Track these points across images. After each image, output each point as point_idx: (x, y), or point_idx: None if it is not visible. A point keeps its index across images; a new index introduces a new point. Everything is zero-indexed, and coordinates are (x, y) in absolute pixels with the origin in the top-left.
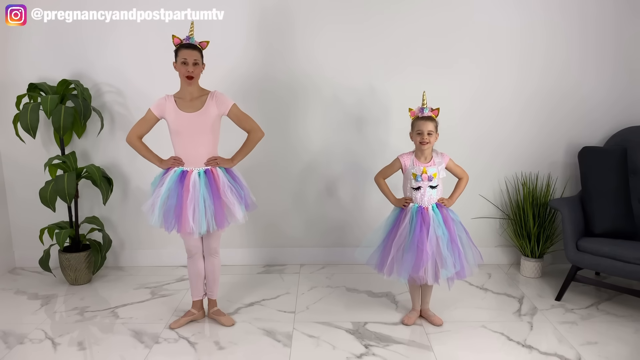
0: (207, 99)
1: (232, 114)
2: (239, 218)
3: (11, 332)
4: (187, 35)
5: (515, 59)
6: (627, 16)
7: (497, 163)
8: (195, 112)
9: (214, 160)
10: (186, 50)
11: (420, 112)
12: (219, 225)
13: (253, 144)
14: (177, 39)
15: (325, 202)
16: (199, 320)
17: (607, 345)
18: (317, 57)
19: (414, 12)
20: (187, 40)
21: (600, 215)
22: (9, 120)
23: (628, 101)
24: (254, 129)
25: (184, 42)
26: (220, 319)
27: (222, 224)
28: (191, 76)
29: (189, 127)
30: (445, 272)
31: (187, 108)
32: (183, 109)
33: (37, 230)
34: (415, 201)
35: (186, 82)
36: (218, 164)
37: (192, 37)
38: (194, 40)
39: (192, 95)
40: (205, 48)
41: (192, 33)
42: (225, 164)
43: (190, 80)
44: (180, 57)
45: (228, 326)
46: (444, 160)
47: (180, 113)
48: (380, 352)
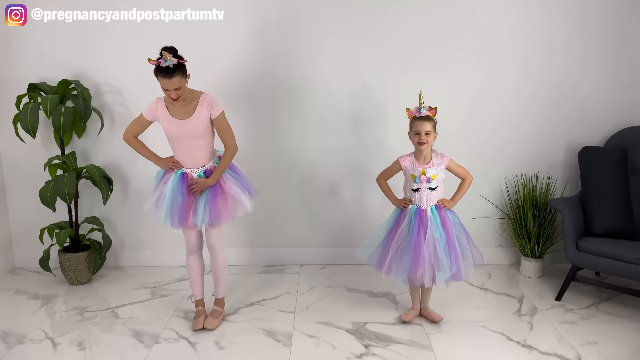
0: (198, 104)
1: (217, 120)
2: (248, 206)
3: (11, 332)
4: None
5: (516, 60)
6: (627, 16)
7: (497, 163)
8: (187, 119)
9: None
10: (165, 80)
11: (418, 112)
12: (225, 219)
13: (229, 160)
14: (154, 61)
15: (325, 202)
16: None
17: (607, 345)
18: (316, 58)
19: (414, 12)
20: (163, 63)
21: (600, 215)
22: (9, 120)
23: (628, 101)
24: (229, 145)
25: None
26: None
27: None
28: (176, 98)
29: (182, 133)
30: (441, 274)
31: (179, 114)
32: (175, 115)
33: (37, 230)
34: (415, 202)
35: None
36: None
37: (168, 61)
38: (171, 63)
39: (183, 100)
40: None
41: (167, 57)
42: (204, 186)
43: (177, 101)
44: (160, 84)
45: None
46: (443, 161)
47: (171, 120)
48: (380, 352)
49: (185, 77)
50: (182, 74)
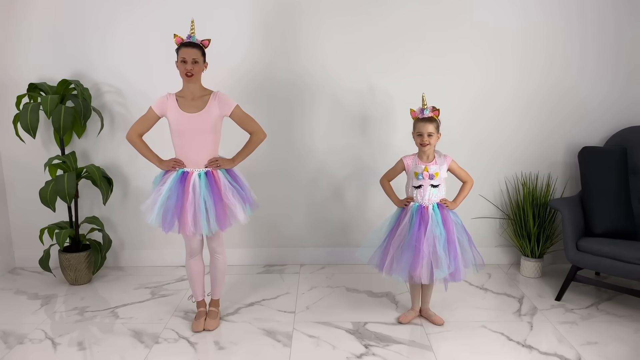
0: (209, 99)
1: (234, 115)
2: (241, 219)
3: (11, 332)
4: (189, 33)
5: (516, 60)
6: (627, 17)
7: (497, 163)
8: (197, 113)
9: (215, 162)
10: (185, 49)
11: (421, 113)
12: (220, 226)
13: (255, 145)
14: (179, 37)
15: (326, 202)
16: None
17: (607, 345)
18: (320, 58)
19: (417, 12)
20: (188, 38)
21: (600, 215)
22: (9, 120)
23: (628, 101)
24: (256, 131)
25: (184, 41)
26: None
27: (224, 225)
28: (190, 74)
29: (190, 127)
30: (439, 272)
31: (189, 108)
32: (184, 108)
33: (37, 230)
34: (416, 200)
35: (186, 79)
36: (219, 166)
37: (193, 36)
38: (195, 39)
39: (193, 94)
40: (207, 46)
41: (193, 31)
42: (226, 165)
43: (190, 78)
44: (180, 56)
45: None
46: (446, 161)
47: (181, 113)
48: (380, 352)
49: (204, 60)
50: (202, 54)
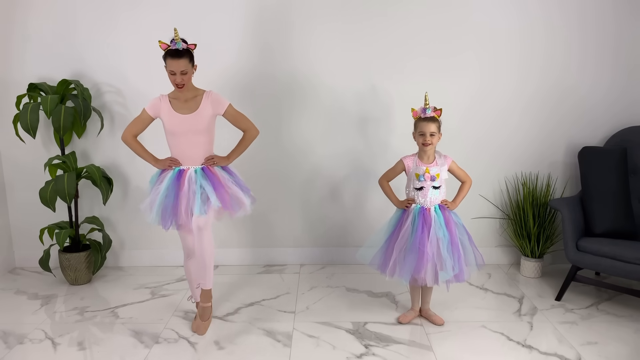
0: (202, 100)
1: (228, 114)
2: (247, 204)
3: (11, 332)
4: (173, 39)
5: (515, 60)
6: (626, 16)
7: (497, 163)
8: (191, 114)
9: (211, 159)
10: (172, 61)
11: (423, 112)
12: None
13: (249, 142)
14: (164, 44)
15: (326, 202)
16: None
17: (607, 345)
18: (315, 57)
19: (414, 12)
20: (173, 45)
21: (600, 215)
22: (9, 120)
23: (628, 101)
24: (249, 128)
25: (170, 48)
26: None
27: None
28: (181, 85)
29: (184, 128)
30: (444, 274)
31: (182, 109)
32: (178, 110)
33: (37, 230)
34: (418, 202)
35: (177, 90)
36: (215, 163)
37: (178, 42)
38: (181, 45)
39: (186, 96)
40: (194, 49)
41: (178, 39)
42: (221, 162)
43: (181, 89)
44: (168, 68)
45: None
46: (446, 162)
47: (175, 114)
48: (380, 352)
49: (193, 66)
50: (190, 60)
